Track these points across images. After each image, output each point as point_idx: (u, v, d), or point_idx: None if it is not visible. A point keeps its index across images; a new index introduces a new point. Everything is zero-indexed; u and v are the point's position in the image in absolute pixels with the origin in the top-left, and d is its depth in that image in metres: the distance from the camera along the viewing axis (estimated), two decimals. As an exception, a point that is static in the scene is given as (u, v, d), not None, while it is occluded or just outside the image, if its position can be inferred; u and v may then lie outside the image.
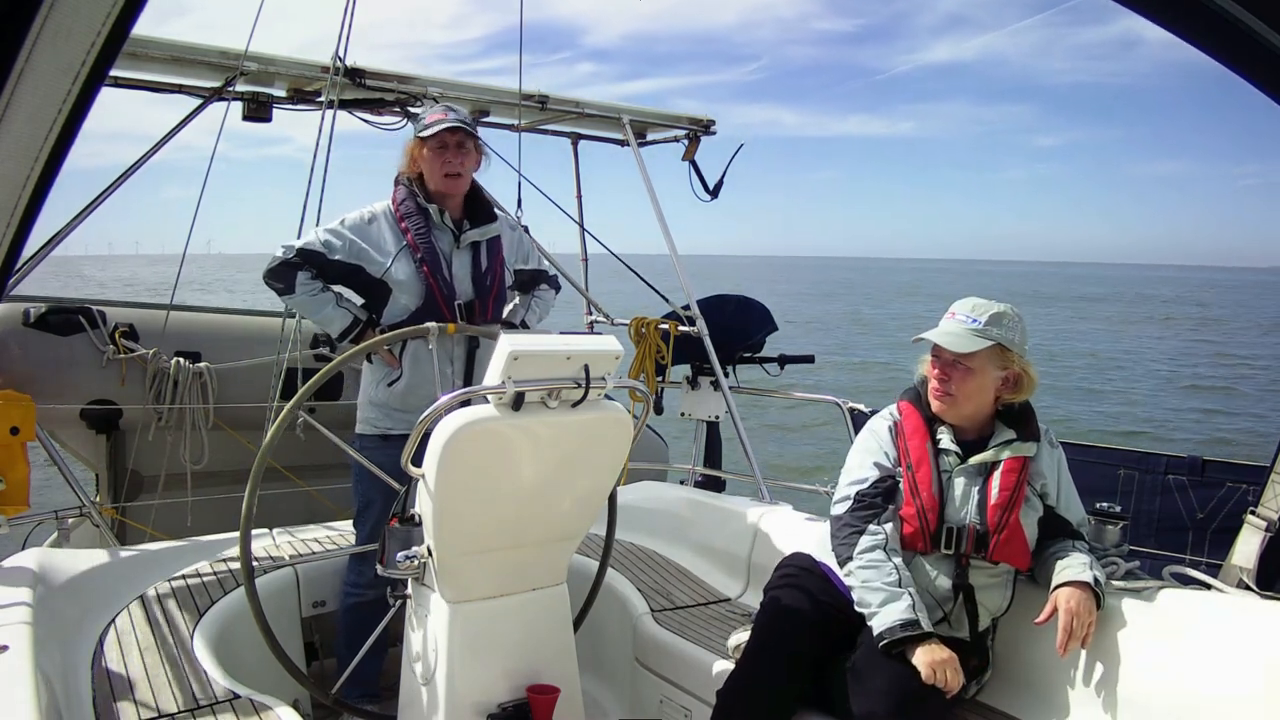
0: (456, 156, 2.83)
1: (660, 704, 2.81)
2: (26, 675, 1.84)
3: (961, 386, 2.32)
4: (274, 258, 2.83)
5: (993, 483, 2.29)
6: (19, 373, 3.67)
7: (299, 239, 2.87)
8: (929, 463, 2.32)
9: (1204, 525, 4.42)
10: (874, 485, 2.34)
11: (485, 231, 2.94)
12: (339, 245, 2.82)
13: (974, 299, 2.38)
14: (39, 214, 0.93)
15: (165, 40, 3.50)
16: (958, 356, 2.30)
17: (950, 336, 2.31)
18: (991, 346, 2.29)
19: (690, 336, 4.49)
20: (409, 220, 2.84)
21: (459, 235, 2.89)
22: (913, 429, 2.38)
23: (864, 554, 2.25)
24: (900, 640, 2.13)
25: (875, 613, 2.19)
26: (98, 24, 0.78)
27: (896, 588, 2.19)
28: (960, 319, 2.34)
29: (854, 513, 2.33)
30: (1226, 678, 2.05)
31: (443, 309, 2.80)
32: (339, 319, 2.86)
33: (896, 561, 2.24)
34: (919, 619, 2.15)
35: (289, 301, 2.93)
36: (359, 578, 2.85)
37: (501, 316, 3.01)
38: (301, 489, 4.05)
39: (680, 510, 3.64)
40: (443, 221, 2.87)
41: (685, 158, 4.88)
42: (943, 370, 2.34)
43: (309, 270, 2.82)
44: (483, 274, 2.90)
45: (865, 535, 2.27)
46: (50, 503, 3.82)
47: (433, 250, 2.83)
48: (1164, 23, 1.60)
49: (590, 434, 2.21)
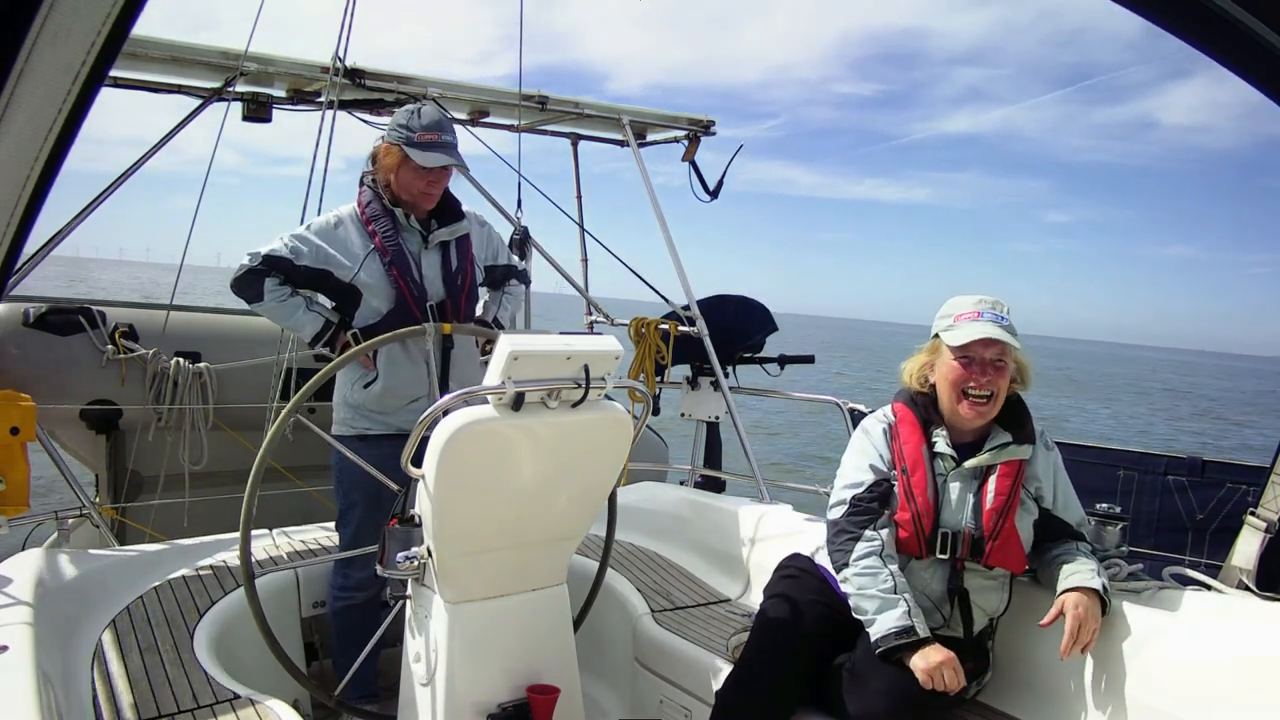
0: (440, 180, 2.78)
1: (660, 704, 2.81)
2: (26, 675, 1.84)
3: (1002, 387, 2.28)
4: (240, 265, 2.77)
5: (988, 487, 2.28)
6: (19, 373, 3.67)
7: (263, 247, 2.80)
8: (924, 467, 2.30)
9: (1204, 526, 4.42)
10: (869, 489, 2.33)
11: (454, 230, 2.88)
12: (305, 251, 2.76)
13: (979, 296, 2.35)
14: (39, 214, 0.93)
15: (165, 40, 3.50)
16: (1001, 354, 2.26)
17: (1005, 333, 2.24)
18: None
19: (690, 337, 4.49)
20: (376, 223, 2.78)
21: (427, 236, 2.84)
22: (908, 432, 2.36)
23: (860, 560, 2.24)
24: (896, 647, 2.13)
25: (872, 620, 2.19)
26: (98, 24, 0.78)
27: (892, 594, 2.19)
28: (989, 317, 2.28)
29: (850, 518, 2.31)
30: (1227, 678, 2.05)
31: (414, 310, 2.75)
32: (310, 323, 2.81)
33: (892, 568, 2.23)
34: (915, 625, 2.15)
35: (259, 309, 2.85)
36: (346, 580, 2.84)
37: (475, 315, 2.98)
38: (301, 489, 4.05)
39: (680, 510, 3.64)
40: (409, 223, 2.81)
41: (685, 158, 4.88)
42: (983, 370, 2.26)
43: (276, 276, 2.76)
44: (453, 274, 2.86)
45: (861, 542, 2.26)
46: (50, 503, 3.82)
47: (401, 252, 2.77)
48: (1164, 23, 1.60)
49: (590, 434, 2.21)
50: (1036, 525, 2.34)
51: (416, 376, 2.74)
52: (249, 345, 4.22)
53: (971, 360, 2.28)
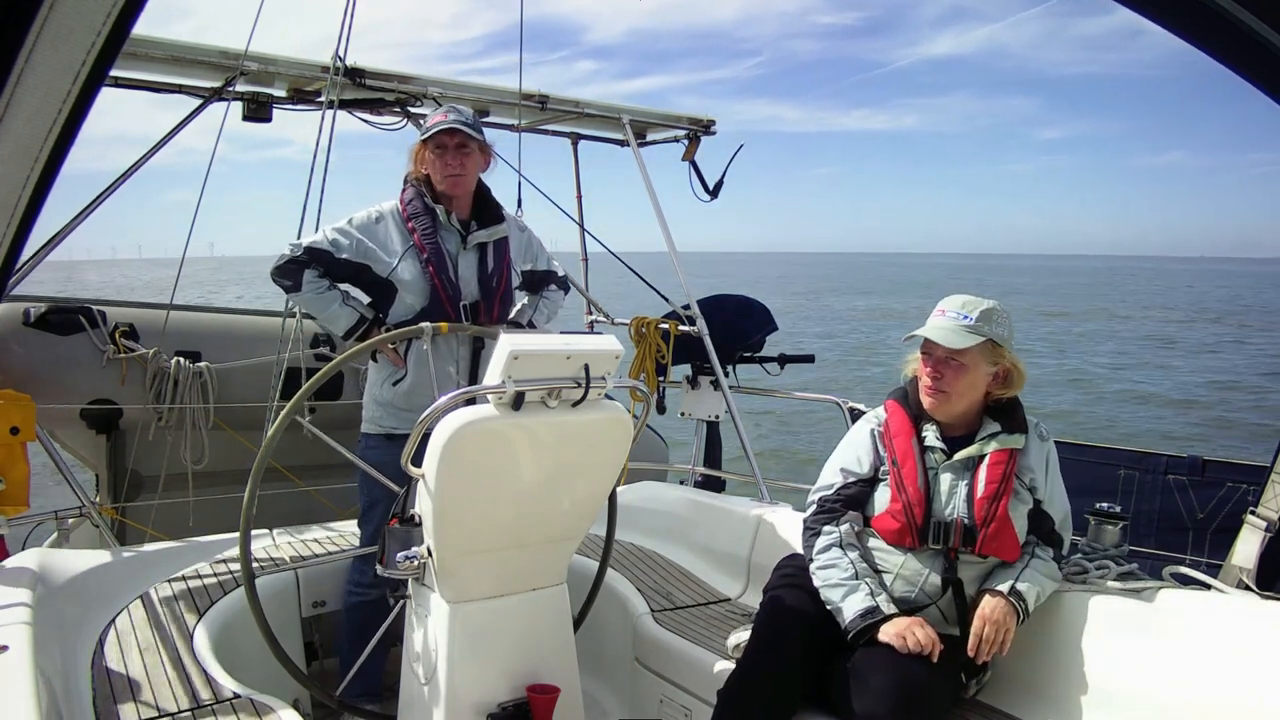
0: (456, 158, 2.83)
1: (660, 704, 2.81)
2: (26, 675, 1.84)
3: (954, 383, 2.32)
4: (281, 255, 2.85)
5: (979, 476, 2.30)
6: (19, 373, 3.67)
7: (305, 237, 2.89)
8: (914, 459, 2.34)
9: (1204, 525, 4.42)
10: (838, 491, 2.43)
11: (493, 233, 2.94)
12: (346, 244, 2.83)
13: (963, 296, 2.39)
14: (39, 214, 0.93)
15: (165, 40, 3.49)
16: (950, 353, 2.31)
17: (943, 333, 2.32)
18: (983, 343, 2.30)
19: (690, 336, 4.49)
20: (416, 220, 2.84)
21: (466, 236, 2.89)
22: (898, 427, 2.40)
23: (821, 554, 2.35)
24: (866, 628, 2.19)
25: (839, 608, 2.26)
26: (98, 24, 0.78)
27: (853, 580, 2.27)
28: (951, 316, 2.35)
29: (814, 516, 2.44)
30: (1226, 678, 2.05)
31: (447, 309, 2.81)
32: (344, 317, 2.87)
33: (852, 555, 2.31)
34: (878, 604, 2.22)
35: (296, 299, 2.96)
36: (362, 577, 2.85)
37: (508, 318, 3.02)
38: (301, 489, 4.05)
39: (680, 510, 3.64)
40: (449, 222, 2.87)
41: (685, 158, 4.88)
42: (935, 368, 2.35)
43: (316, 268, 2.83)
44: (489, 275, 2.90)
45: (821, 536, 2.38)
46: (50, 503, 3.82)
47: (439, 250, 2.83)
48: (1164, 22, 1.60)
49: (590, 434, 2.21)
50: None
51: (445, 375, 2.77)
52: (249, 345, 4.22)
53: (929, 355, 2.37)
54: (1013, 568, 2.29)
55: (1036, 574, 2.28)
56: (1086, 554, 2.53)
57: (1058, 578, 2.35)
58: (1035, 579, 2.27)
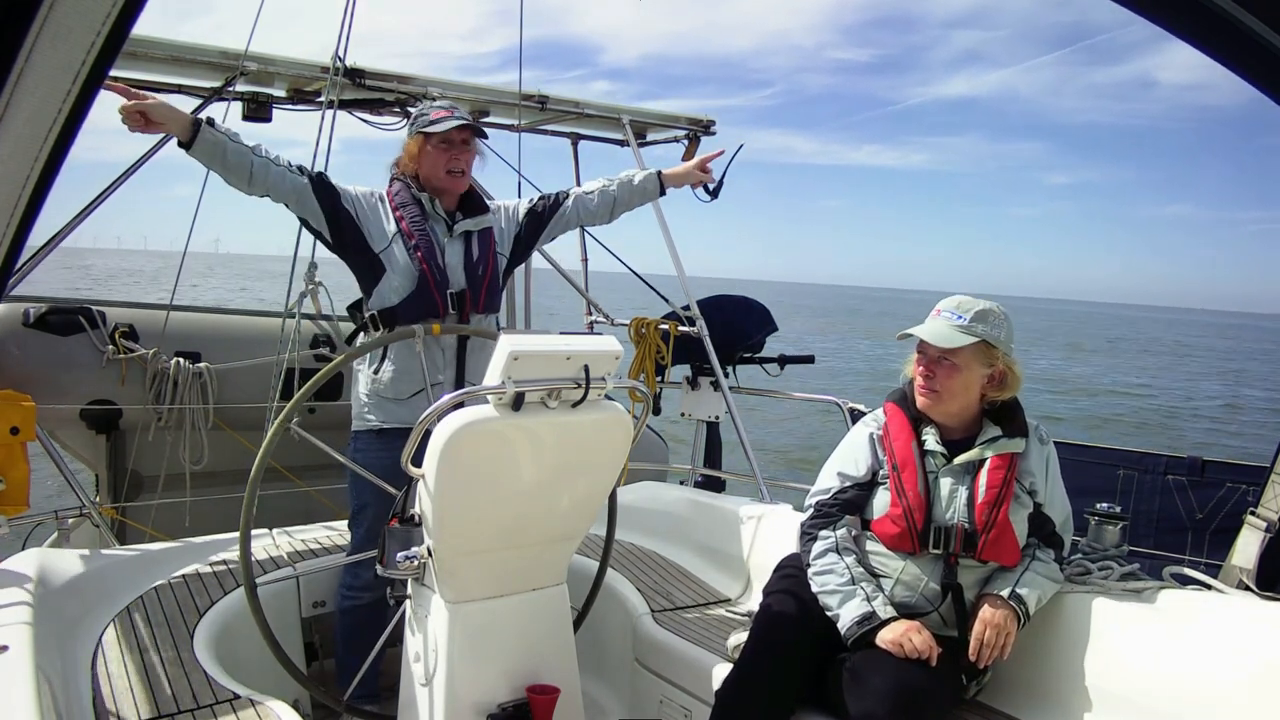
0: (463, 154, 2.82)
1: (660, 704, 2.81)
2: (26, 675, 1.84)
3: (946, 383, 2.32)
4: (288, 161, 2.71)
5: (980, 481, 2.29)
6: (19, 373, 3.66)
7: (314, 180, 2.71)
8: (914, 463, 2.33)
9: (1204, 525, 4.43)
10: (834, 495, 2.42)
11: (479, 222, 2.93)
12: (350, 199, 2.79)
13: (960, 297, 2.39)
14: (39, 214, 0.93)
15: (165, 40, 3.50)
16: (943, 353, 2.31)
17: (935, 333, 2.32)
18: (976, 343, 2.29)
19: (690, 336, 4.49)
20: (404, 209, 2.83)
21: (452, 225, 2.88)
22: (897, 430, 2.39)
23: (818, 559, 2.34)
24: (864, 634, 2.19)
25: (837, 614, 2.25)
26: (98, 24, 0.78)
27: (849, 585, 2.26)
28: (946, 316, 2.34)
29: (811, 520, 2.43)
30: (1226, 678, 2.05)
31: (435, 295, 2.79)
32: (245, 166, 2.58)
33: (848, 560, 2.31)
34: (875, 609, 2.21)
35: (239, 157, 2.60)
36: (355, 580, 2.85)
37: (496, 307, 3.00)
38: (301, 489, 4.05)
39: (680, 510, 3.64)
40: (435, 211, 2.86)
41: (685, 158, 4.88)
42: (928, 367, 2.34)
43: (302, 178, 2.69)
44: (474, 263, 2.89)
45: (818, 541, 2.37)
46: (50, 503, 3.82)
47: (427, 237, 2.82)
48: (1164, 22, 1.60)
49: (590, 434, 2.21)
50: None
51: (431, 365, 2.76)
52: (249, 345, 4.22)
53: (923, 354, 2.37)
54: (1013, 571, 2.29)
55: (1037, 577, 2.28)
56: (1087, 554, 2.53)
57: (1059, 580, 2.35)
58: (1036, 582, 2.27)
